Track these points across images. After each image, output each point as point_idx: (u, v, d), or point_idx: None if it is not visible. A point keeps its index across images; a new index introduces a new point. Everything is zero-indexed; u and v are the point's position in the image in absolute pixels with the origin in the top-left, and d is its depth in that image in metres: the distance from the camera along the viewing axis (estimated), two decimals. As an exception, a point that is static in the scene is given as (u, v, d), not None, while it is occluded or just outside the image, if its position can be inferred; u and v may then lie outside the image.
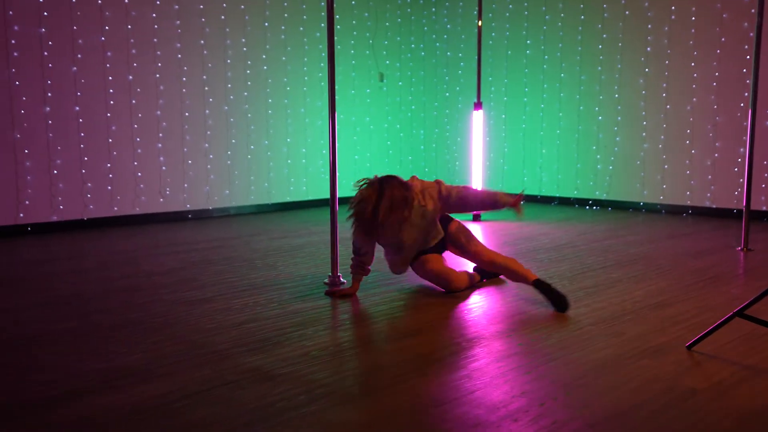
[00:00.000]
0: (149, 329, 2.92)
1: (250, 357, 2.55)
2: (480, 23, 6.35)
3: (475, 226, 5.96)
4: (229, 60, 6.65)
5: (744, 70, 6.14)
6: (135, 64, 6.04)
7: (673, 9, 6.55)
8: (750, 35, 6.05)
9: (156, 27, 6.14)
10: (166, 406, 2.11)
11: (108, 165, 5.96)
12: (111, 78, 5.92)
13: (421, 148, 8.55)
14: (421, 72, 8.42)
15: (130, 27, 5.98)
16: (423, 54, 8.41)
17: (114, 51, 5.92)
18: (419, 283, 3.75)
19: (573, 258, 4.43)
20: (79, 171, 5.79)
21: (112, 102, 5.94)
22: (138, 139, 6.12)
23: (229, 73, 6.66)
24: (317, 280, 3.84)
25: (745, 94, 6.14)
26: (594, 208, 7.20)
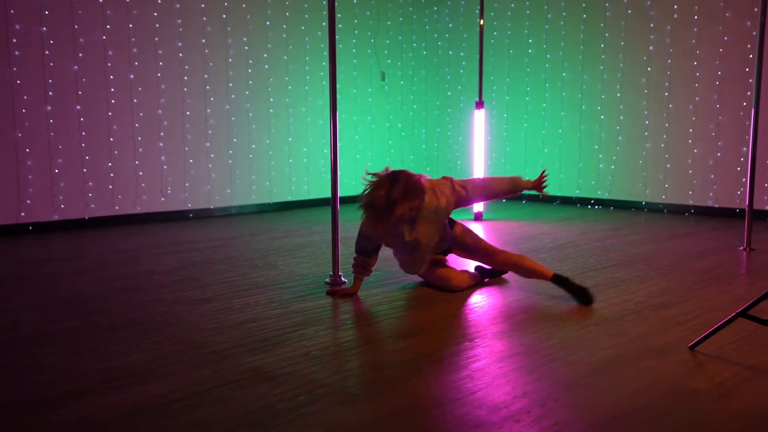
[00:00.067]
0: (149, 329, 2.91)
1: (250, 357, 2.55)
2: (482, 22, 6.33)
3: (477, 225, 5.95)
4: (231, 59, 6.64)
5: (747, 69, 6.12)
6: (136, 62, 6.04)
7: (676, 8, 6.53)
8: (753, 34, 6.03)
9: (157, 26, 6.13)
10: (165, 406, 2.11)
11: (109, 164, 5.95)
12: (112, 77, 5.91)
13: (423, 147, 8.54)
14: (423, 71, 8.41)
15: (131, 26, 5.97)
16: (425, 53, 8.40)
17: (115, 50, 5.91)
18: (420, 283, 3.74)
19: (575, 257, 4.42)
20: (80, 170, 5.79)
21: (113, 101, 5.94)
22: (139, 138, 6.11)
23: (231, 72, 6.65)
24: (318, 279, 3.83)
25: (748, 93, 6.12)
26: (596, 207, 7.18)
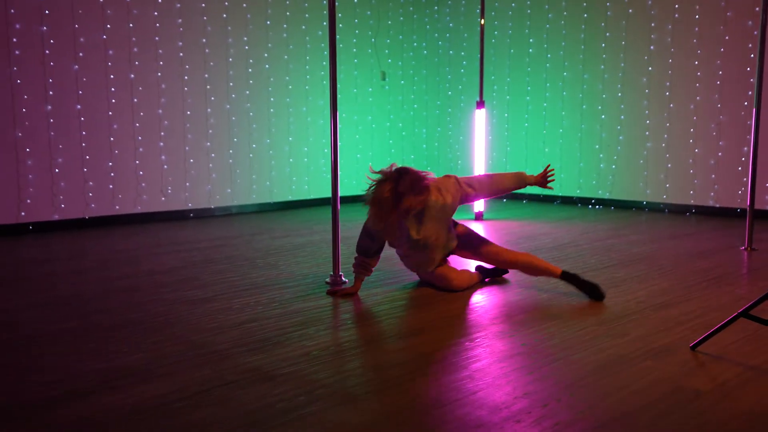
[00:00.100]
0: (150, 329, 2.91)
1: (250, 357, 2.54)
2: (482, 21, 6.33)
3: (478, 225, 5.94)
4: (231, 58, 6.63)
5: (748, 68, 6.11)
6: (137, 62, 6.03)
7: (677, 7, 6.52)
8: (754, 34, 6.02)
9: (157, 25, 6.13)
10: (165, 406, 2.10)
11: (109, 163, 5.95)
12: (112, 76, 5.91)
13: (424, 146, 8.53)
14: (424, 70, 8.40)
15: (131, 25, 5.97)
16: (425, 52, 8.39)
17: (115, 49, 5.91)
18: (421, 283, 3.73)
19: (576, 257, 4.41)
20: (81, 170, 5.79)
21: (113, 100, 5.93)
22: (139, 138, 6.11)
23: (231, 72, 6.64)
24: (319, 279, 3.83)
25: (749, 92, 6.11)
26: (597, 207, 7.17)
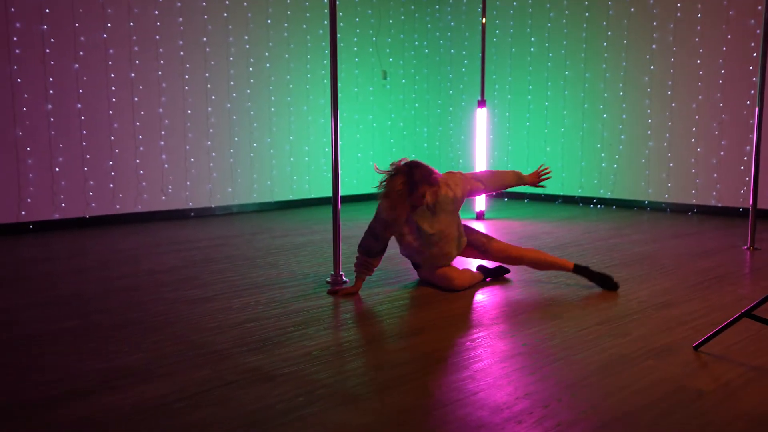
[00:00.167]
0: (150, 328, 2.90)
1: (250, 357, 2.53)
2: (484, 20, 6.31)
3: (479, 224, 5.93)
4: (232, 57, 6.62)
5: (750, 67, 6.09)
6: (137, 61, 6.02)
7: (679, 6, 6.50)
8: (757, 32, 6.00)
9: (158, 24, 6.12)
10: (165, 406, 2.09)
11: (110, 163, 5.94)
12: (113, 75, 5.90)
13: (425, 146, 8.52)
14: (425, 69, 8.38)
15: (132, 24, 5.96)
16: (426, 51, 8.37)
17: (116, 48, 5.90)
18: (422, 283, 3.72)
19: (577, 257, 4.39)
20: (81, 169, 5.78)
21: (114, 99, 5.92)
22: (140, 137, 6.10)
23: (232, 71, 6.63)
24: (319, 279, 3.82)
25: (752, 92, 6.09)
26: (598, 206, 7.16)
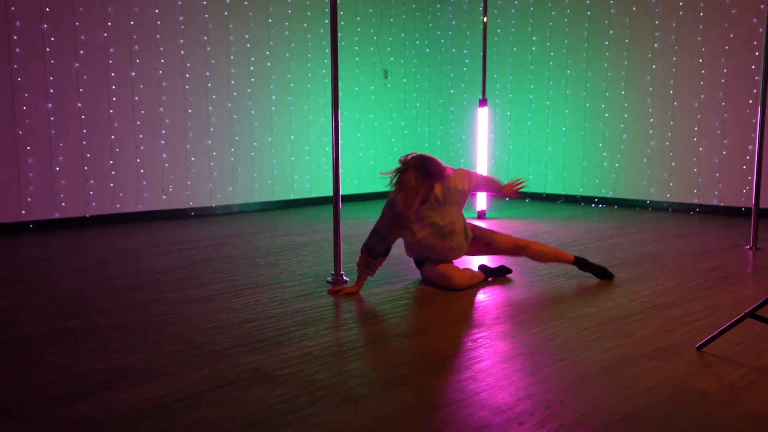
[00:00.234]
0: (150, 328, 2.89)
1: (250, 357, 2.52)
2: (485, 19, 6.29)
3: (480, 223, 5.90)
4: (233, 56, 6.61)
5: (753, 66, 6.07)
6: (137, 60, 6.01)
7: (681, 5, 6.48)
8: (759, 31, 5.98)
9: (159, 23, 6.10)
10: (165, 406, 2.08)
11: (110, 162, 5.93)
12: (113, 74, 5.88)
13: (426, 145, 8.50)
14: (426, 69, 8.36)
15: (132, 23, 5.95)
16: (428, 50, 8.35)
17: (116, 47, 5.88)
18: (422, 282, 3.71)
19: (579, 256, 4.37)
20: (81, 168, 5.77)
21: (114, 98, 5.91)
22: (140, 136, 6.08)
23: (233, 70, 6.62)
24: (320, 278, 3.80)
25: (754, 90, 6.07)
26: (600, 206, 7.14)
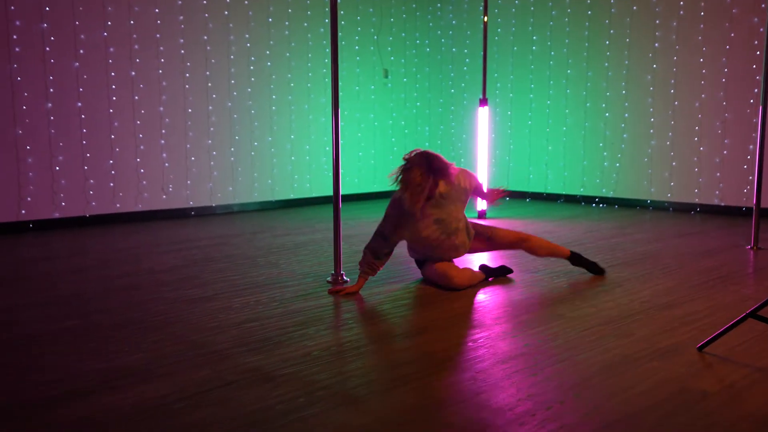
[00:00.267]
0: (150, 328, 2.88)
1: (250, 357, 2.51)
2: (486, 19, 6.29)
3: (481, 222, 5.90)
4: (233, 56, 6.60)
5: (754, 66, 6.06)
6: (138, 59, 6.00)
7: (682, 4, 6.47)
8: (760, 30, 5.97)
9: (159, 22, 6.09)
10: (165, 406, 2.08)
11: (110, 161, 5.92)
12: (113, 74, 5.88)
13: (426, 144, 8.49)
14: (426, 68, 8.35)
15: (132, 22, 5.94)
16: (428, 50, 8.34)
17: (116, 47, 5.88)
18: (423, 282, 3.70)
19: (580, 256, 4.37)
20: (81, 167, 5.76)
21: (114, 98, 5.90)
22: (140, 136, 6.08)
23: (233, 69, 6.61)
24: (320, 278, 3.80)
25: (755, 90, 6.06)
26: (600, 205, 7.13)
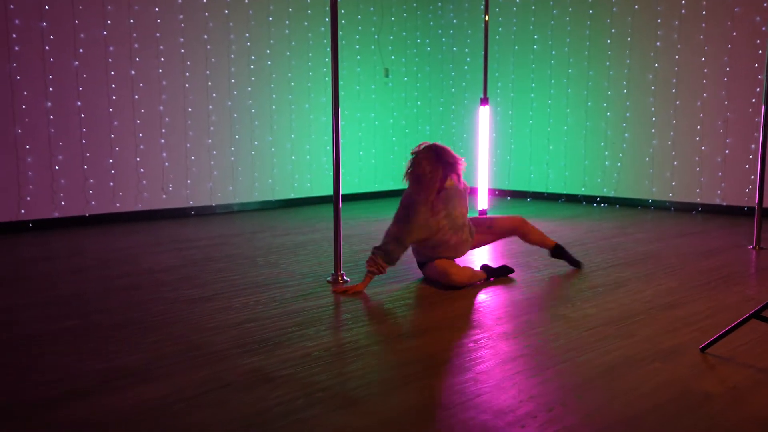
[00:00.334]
0: (149, 328, 2.87)
1: (249, 358, 2.49)
2: (487, 18, 6.27)
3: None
4: (233, 55, 6.58)
5: (756, 65, 6.04)
6: (137, 58, 5.99)
7: (683, 3, 6.45)
8: (762, 29, 5.95)
9: (159, 21, 6.08)
10: (164, 408, 2.07)
11: (110, 161, 5.90)
12: (113, 73, 5.86)
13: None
14: (427, 67, 8.33)
15: (132, 21, 5.92)
16: (429, 49, 8.32)
17: (116, 45, 5.86)
18: (424, 282, 3.69)
19: (581, 256, 4.35)
20: (81, 167, 5.74)
21: (114, 97, 5.89)
22: (140, 135, 6.06)
23: (233, 68, 6.59)
24: (320, 278, 3.78)
25: (757, 89, 6.04)
26: (602, 205, 7.11)
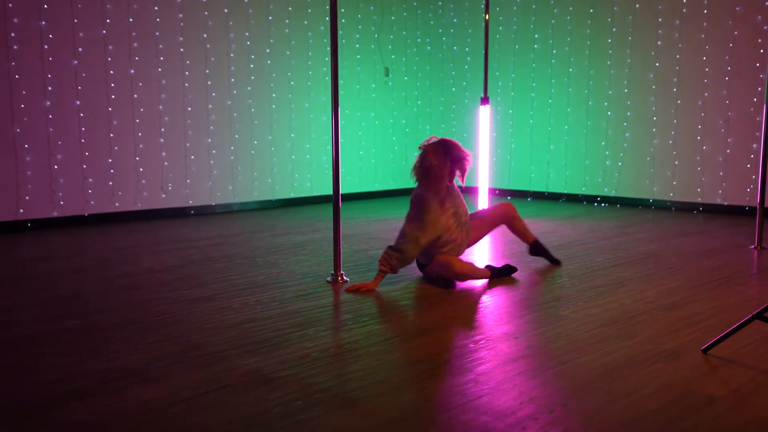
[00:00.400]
0: (149, 328, 2.86)
1: (248, 359, 2.48)
2: (487, 17, 6.24)
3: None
4: (233, 54, 6.57)
5: (757, 64, 6.02)
6: (137, 57, 5.97)
7: (685, 2, 6.43)
8: (764, 28, 5.93)
9: (158, 20, 6.06)
10: (163, 409, 2.06)
11: (109, 160, 5.89)
12: (112, 72, 5.84)
13: (427, 143, 8.45)
14: (427, 67, 8.32)
15: (131, 20, 5.90)
16: (429, 48, 8.31)
17: (115, 44, 5.84)
18: (425, 282, 3.67)
19: (582, 256, 4.34)
20: (80, 166, 5.73)
21: (113, 96, 5.87)
22: (140, 134, 6.04)
23: (233, 68, 6.58)
24: (320, 278, 3.76)
25: (759, 88, 6.02)
26: (602, 205, 7.09)
